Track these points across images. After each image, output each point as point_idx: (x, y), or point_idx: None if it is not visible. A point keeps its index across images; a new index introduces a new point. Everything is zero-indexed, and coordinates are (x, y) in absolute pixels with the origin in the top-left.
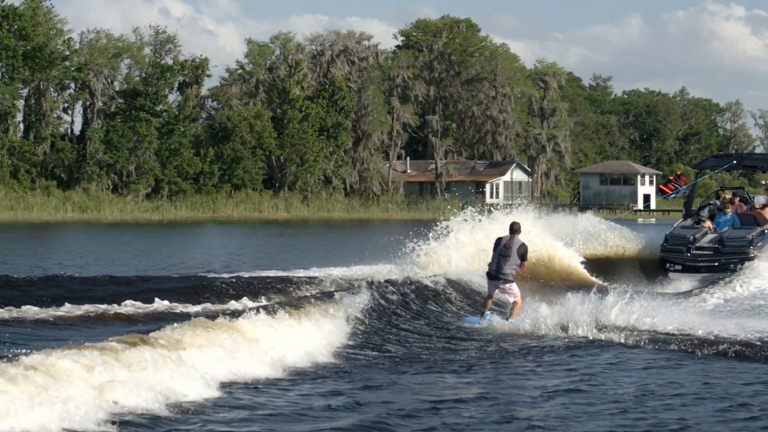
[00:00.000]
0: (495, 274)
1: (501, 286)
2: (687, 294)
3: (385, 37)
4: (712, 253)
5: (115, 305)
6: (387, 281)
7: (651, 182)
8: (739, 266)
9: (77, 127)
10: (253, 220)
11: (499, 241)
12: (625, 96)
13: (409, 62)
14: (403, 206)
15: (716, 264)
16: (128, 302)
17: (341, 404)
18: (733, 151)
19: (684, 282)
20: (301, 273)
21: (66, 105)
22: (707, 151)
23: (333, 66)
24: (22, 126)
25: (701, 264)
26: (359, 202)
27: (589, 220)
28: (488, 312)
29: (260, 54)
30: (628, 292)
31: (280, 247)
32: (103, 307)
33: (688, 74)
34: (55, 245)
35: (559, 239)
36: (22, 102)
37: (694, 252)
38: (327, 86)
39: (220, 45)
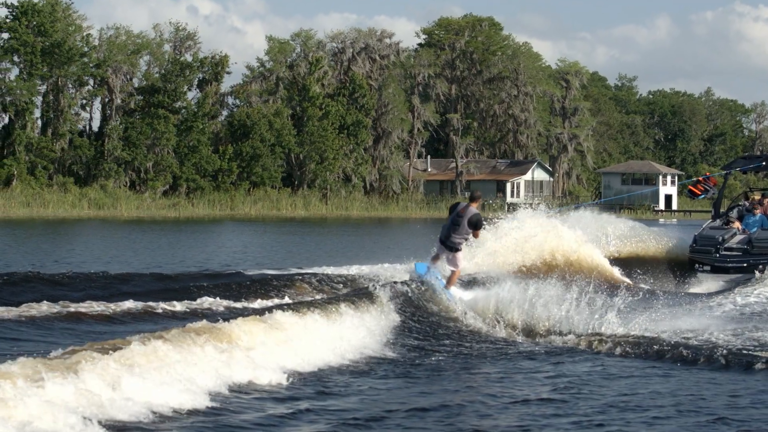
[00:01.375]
0: (443, 240)
1: (446, 254)
2: (698, 296)
3: (413, 36)
4: (740, 254)
5: (161, 303)
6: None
7: (673, 182)
8: None
9: (95, 124)
10: (271, 217)
11: (454, 207)
12: (651, 96)
13: (430, 60)
14: (423, 205)
15: (745, 265)
16: (174, 302)
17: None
18: (759, 153)
19: (713, 282)
20: (330, 270)
21: (84, 101)
22: (732, 152)
23: (354, 64)
24: (39, 122)
25: (730, 265)
26: (378, 200)
27: (617, 220)
28: (434, 269)
29: (281, 51)
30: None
31: (304, 245)
32: (150, 304)
33: (714, 75)
34: (78, 241)
35: (586, 238)
36: (40, 98)
37: (723, 253)
38: (347, 84)
39: (248, 43)
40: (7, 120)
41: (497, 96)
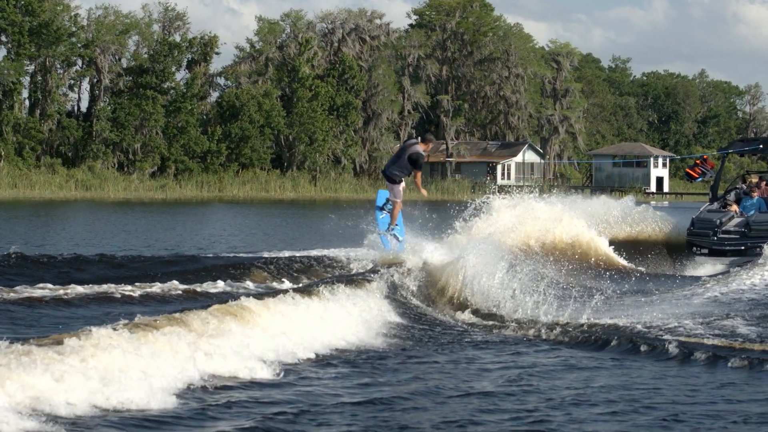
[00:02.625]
0: (384, 171)
1: (387, 184)
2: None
3: (405, 17)
4: (738, 237)
5: (160, 283)
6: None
7: (664, 165)
8: (766, 250)
9: (84, 105)
10: (260, 199)
11: (404, 143)
12: (644, 78)
13: (421, 41)
14: (413, 187)
15: (742, 248)
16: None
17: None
18: (753, 135)
19: (710, 266)
20: (329, 252)
21: (72, 82)
22: (726, 134)
23: (344, 44)
24: (27, 103)
25: (727, 248)
26: (368, 182)
27: (616, 203)
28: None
29: (270, 32)
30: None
31: (284, 227)
32: (157, 285)
33: (710, 57)
34: (55, 224)
35: (585, 221)
36: (28, 79)
37: (721, 236)
38: (337, 65)
39: (243, 24)
40: None
41: (488, 77)
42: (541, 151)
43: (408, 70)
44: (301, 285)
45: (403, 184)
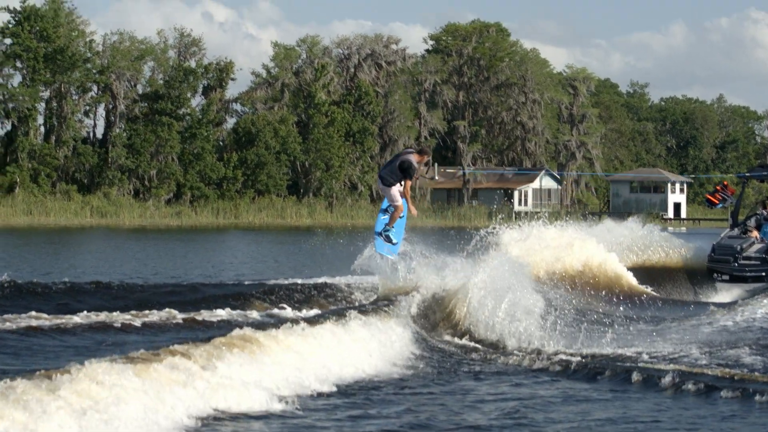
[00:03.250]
0: (379, 174)
1: (381, 187)
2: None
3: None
4: (759, 263)
5: (158, 311)
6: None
7: (681, 190)
8: None
9: (99, 131)
10: (276, 226)
11: (401, 151)
12: (662, 103)
13: (437, 67)
14: (430, 213)
15: (763, 274)
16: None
17: None
18: None
19: (731, 292)
20: (353, 280)
21: (87, 108)
22: (744, 159)
23: (360, 70)
24: (42, 129)
25: (748, 274)
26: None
27: (637, 228)
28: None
29: (286, 57)
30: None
31: (309, 254)
32: (175, 313)
33: (728, 82)
34: (65, 251)
35: (605, 247)
36: (43, 105)
37: (741, 262)
38: (353, 91)
39: (262, 50)
40: (9, 127)
41: (505, 103)
42: (558, 177)
43: (424, 95)
44: (305, 314)
45: (397, 187)
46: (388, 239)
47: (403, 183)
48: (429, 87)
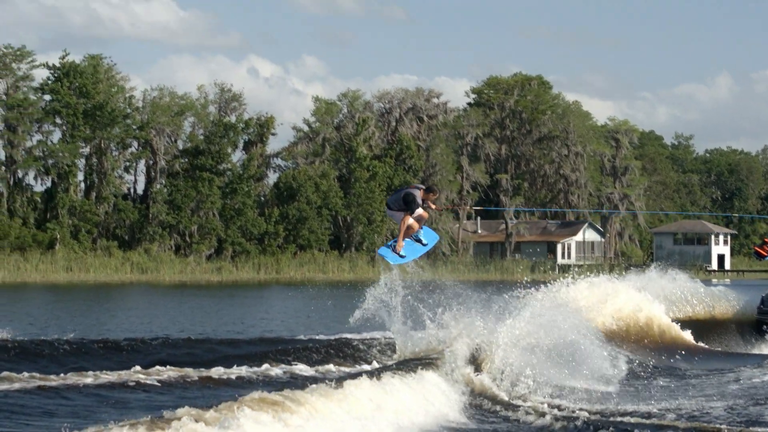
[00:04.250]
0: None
1: (389, 213)
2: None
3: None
4: None
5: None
6: None
7: (725, 242)
8: None
9: (140, 187)
10: (317, 281)
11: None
12: (707, 155)
13: (479, 120)
14: (472, 267)
15: None
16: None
17: None
18: None
19: None
20: (358, 336)
21: (128, 164)
22: None
23: (401, 124)
24: (83, 185)
25: None
26: (428, 262)
27: (684, 281)
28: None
29: (327, 112)
30: None
31: (344, 308)
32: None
33: None
34: (113, 308)
35: (653, 299)
36: (83, 161)
37: None
38: (395, 145)
39: (308, 105)
40: (50, 183)
41: (547, 156)
42: (602, 229)
43: (466, 149)
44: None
45: (400, 215)
46: (419, 241)
47: (407, 212)
48: (471, 140)
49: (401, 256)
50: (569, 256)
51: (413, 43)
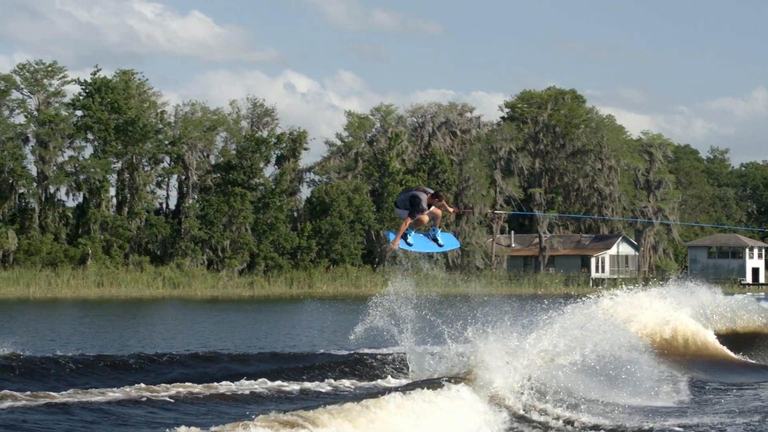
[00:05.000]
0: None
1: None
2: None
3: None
4: None
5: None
6: None
7: (760, 255)
8: None
9: (172, 202)
10: (350, 295)
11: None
12: (743, 168)
13: (512, 134)
14: (506, 281)
15: None
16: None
17: None
18: None
19: None
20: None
21: (160, 179)
22: None
23: (434, 138)
24: (114, 201)
25: None
26: (461, 277)
27: (722, 296)
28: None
29: (360, 127)
30: None
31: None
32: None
33: None
34: (138, 323)
35: (690, 314)
36: (115, 176)
37: None
38: (428, 159)
39: (344, 120)
40: (81, 198)
41: (581, 170)
42: (635, 243)
43: (500, 163)
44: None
45: (405, 213)
46: (405, 237)
47: (409, 214)
48: (504, 154)
49: (409, 244)
50: (603, 270)
51: (449, 58)
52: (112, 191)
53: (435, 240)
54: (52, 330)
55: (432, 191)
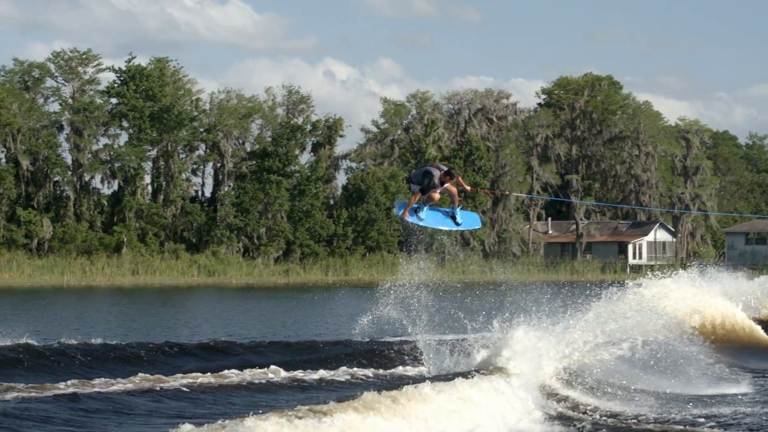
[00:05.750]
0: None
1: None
2: None
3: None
4: None
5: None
6: None
7: None
8: None
9: (207, 189)
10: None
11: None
12: None
13: (549, 121)
14: (543, 268)
15: None
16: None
17: None
18: None
19: None
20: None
21: (195, 167)
22: None
23: (470, 125)
24: (150, 188)
25: None
26: (498, 264)
27: (728, 281)
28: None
29: (396, 114)
30: None
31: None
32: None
33: None
34: (174, 311)
35: (733, 301)
36: (150, 164)
37: None
38: (464, 146)
39: (382, 108)
40: (116, 186)
41: (618, 156)
42: (673, 229)
43: (536, 150)
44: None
45: (417, 188)
46: (417, 211)
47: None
48: (541, 141)
49: (420, 219)
50: (640, 257)
51: (489, 45)
52: (147, 179)
53: (453, 217)
54: (78, 318)
55: (445, 168)
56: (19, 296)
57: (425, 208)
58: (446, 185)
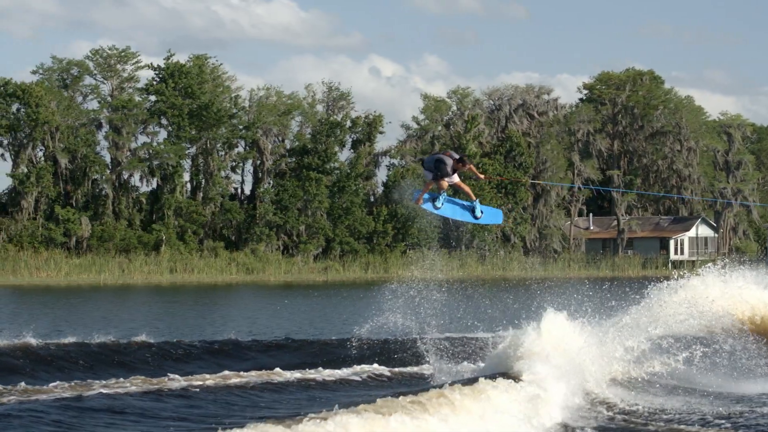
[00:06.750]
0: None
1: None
2: None
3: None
4: None
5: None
6: None
7: None
8: None
9: (247, 187)
10: (424, 279)
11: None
12: None
13: (590, 116)
14: (584, 264)
15: None
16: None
17: None
18: None
19: None
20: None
21: (234, 164)
22: None
23: (511, 121)
24: (189, 186)
25: None
26: (539, 260)
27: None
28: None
29: (436, 110)
30: None
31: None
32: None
33: None
34: (205, 309)
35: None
36: (189, 162)
37: None
38: (505, 141)
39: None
40: (155, 184)
41: (660, 151)
42: (715, 225)
43: (577, 145)
44: None
45: (429, 175)
46: (434, 200)
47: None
48: (582, 136)
49: (436, 207)
50: (682, 252)
51: (534, 41)
52: (186, 177)
53: (472, 211)
54: (104, 317)
55: (457, 156)
56: (52, 294)
57: (442, 198)
58: (456, 182)
